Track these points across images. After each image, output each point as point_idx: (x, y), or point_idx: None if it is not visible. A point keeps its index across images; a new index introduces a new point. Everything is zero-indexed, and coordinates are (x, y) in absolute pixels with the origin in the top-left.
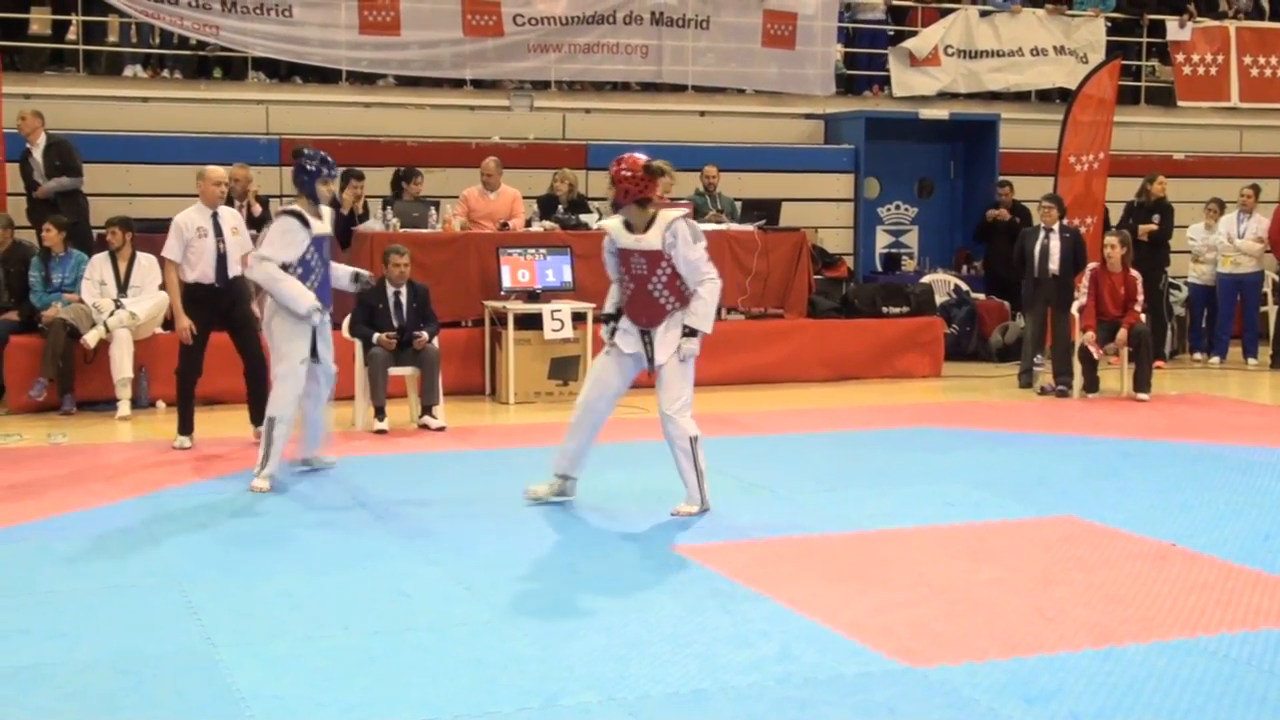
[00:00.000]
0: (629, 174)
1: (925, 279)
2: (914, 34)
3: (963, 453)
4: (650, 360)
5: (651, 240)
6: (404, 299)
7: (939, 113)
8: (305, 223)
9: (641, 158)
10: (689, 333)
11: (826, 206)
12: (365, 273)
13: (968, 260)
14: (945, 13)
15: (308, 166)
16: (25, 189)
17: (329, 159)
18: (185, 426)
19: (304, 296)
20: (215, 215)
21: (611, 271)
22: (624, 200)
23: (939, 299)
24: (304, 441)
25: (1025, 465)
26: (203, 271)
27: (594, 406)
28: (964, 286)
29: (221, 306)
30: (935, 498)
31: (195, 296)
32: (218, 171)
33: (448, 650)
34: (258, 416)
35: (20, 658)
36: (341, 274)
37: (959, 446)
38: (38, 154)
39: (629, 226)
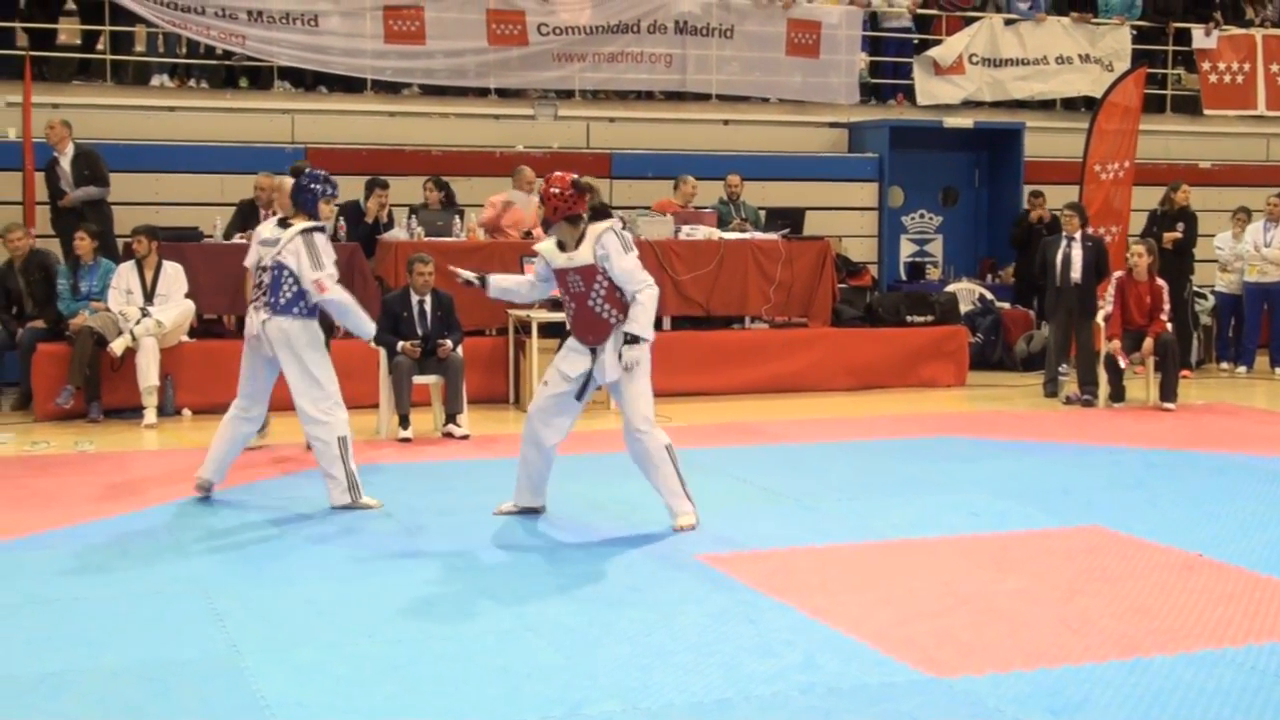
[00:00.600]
0: (557, 191)
1: (950, 288)
2: (938, 42)
3: (988, 462)
4: (599, 378)
5: (583, 256)
6: (428, 308)
7: (963, 121)
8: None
9: (571, 175)
10: (630, 340)
11: (850, 215)
12: None
13: (993, 269)
14: (970, 21)
15: (312, 186)
16: (50, 197)
17: (330, 178)
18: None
19: (369, 320)
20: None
21: (540, 292)
22: (554, 218)
23: (963, 308)
24: (216, 464)
25: (1050, 475)
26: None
27: (542, 439)
28: (989, 295)
29: None
30: (960, 507)
31: None
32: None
33: (471, 658)
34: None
35: (46, 664)
36: None
37: (984, 456)
38: (65, 163)
39: (561, 246)
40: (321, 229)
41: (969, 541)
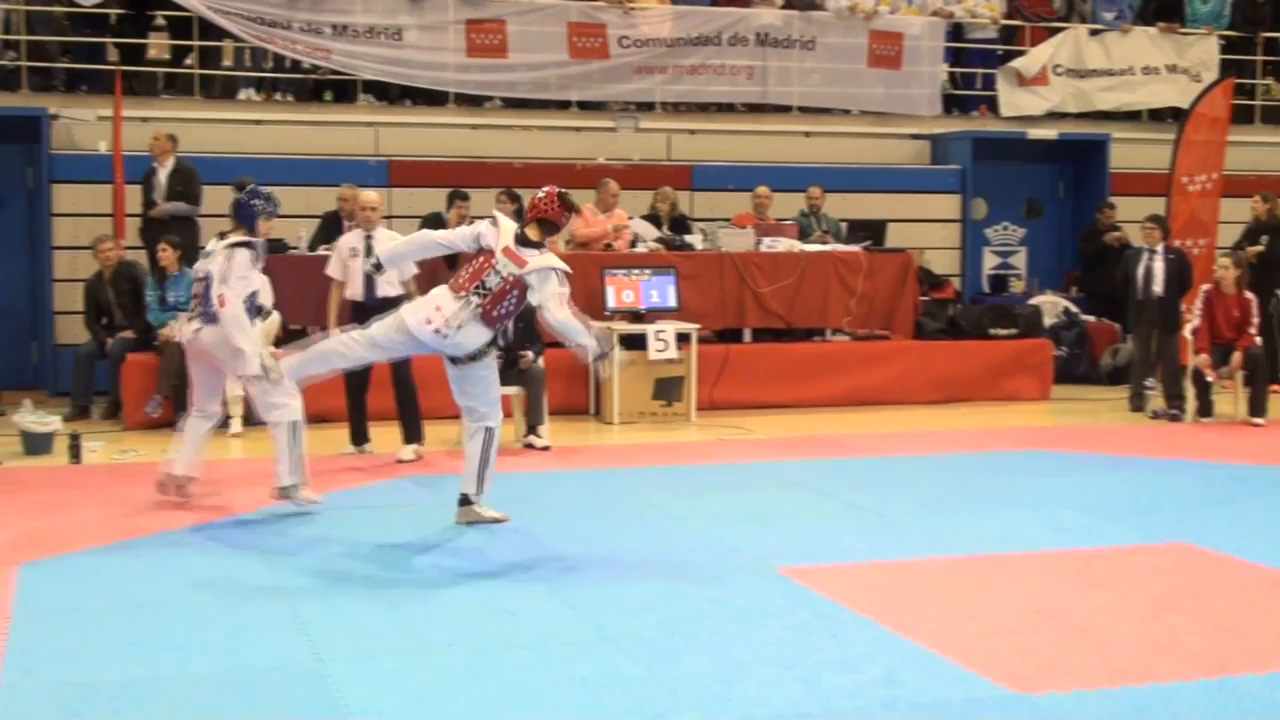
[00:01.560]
0: (543, 196)
1: (1033, 300)
2: (1022, 53)
3: (1072, 477)
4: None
5: (526, 269)
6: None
7: (1048, 133)
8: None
9: (560, 190)
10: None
11: (933, 227)
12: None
13: (1077, 282)
14: (1054, 31)
15: (253, 203)
16: (143, 207)
17: (272, 197)
18: (356, 437)
19: (253, 347)
20: (369, 237)
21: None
22: (529, 215)
23: (1047, 321)
24: (185, 461)
25: (1137, 490)
26: (354, 290)
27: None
28: (1073, 308)
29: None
30: (1044, 522)
31: (352, 314)
32: (368, 195)
33: (552, 669)
34: (409, 434)
35: (133, 670)
36: None
37: (1068, 470)
38: (162, 175)
39: (521, 241)
40: (251, 245)
41: (1053, 557)
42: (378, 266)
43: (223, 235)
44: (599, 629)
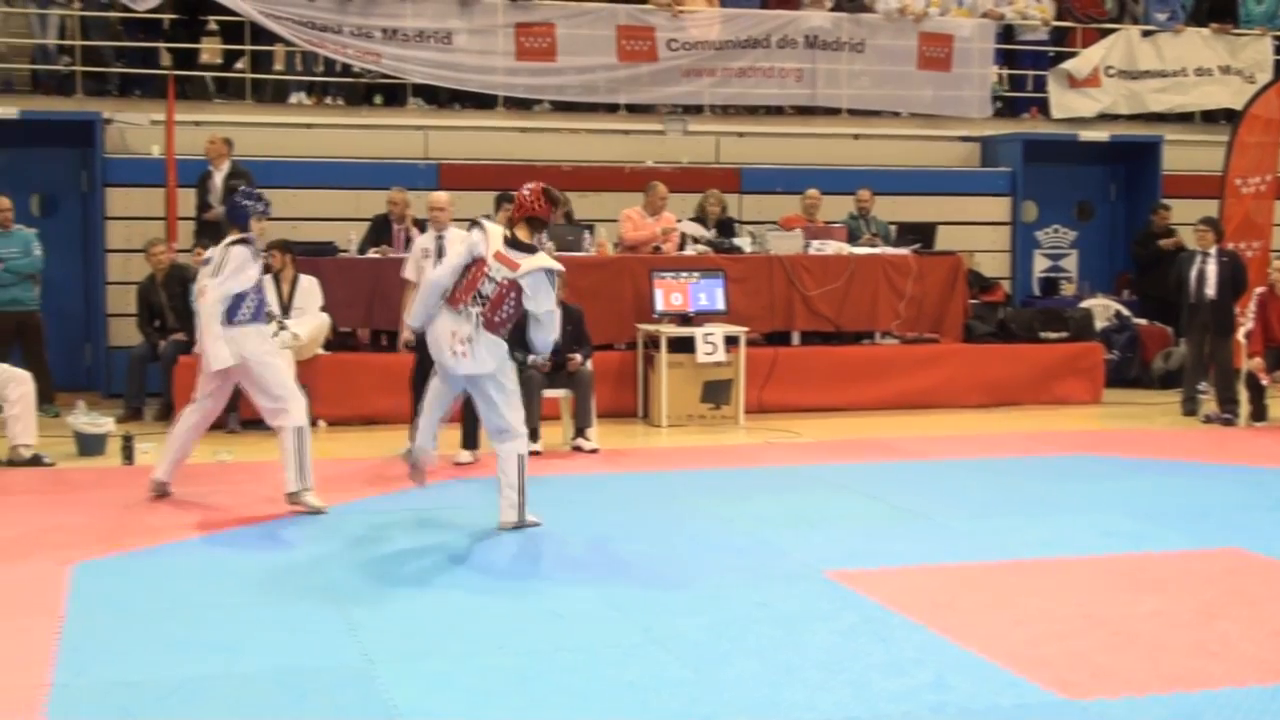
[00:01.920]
0: (528, 193)
1: (1085, 303)
2: (1074, 54)
3: (1123, 481)
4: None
5: (521, 271)
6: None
7: (1099, 134)
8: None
9: (544, 185)
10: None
11: (983, 230)
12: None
13: (1129, 285)
14: (1106, 33)
15: (245, 203)
16: (197, 210)
17: (265, 198)
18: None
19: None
20: (440, 238)
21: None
22: (517, 215)
23: (1099, 324)
24: (171, 465)
25: (1188, 495)
26: None
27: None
28: (1125, 311)
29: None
30: (1094, 527)
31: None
32: (438, 196)
33: (599, 672)
34: (469, 439)
35: (184, 669)
36: None
37: (1119, 475)
38: (218, 178)
39: (512, 243)
40: (247, 241)
41: (1103, 562)
42: (410, 347)
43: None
44: (647, 631)
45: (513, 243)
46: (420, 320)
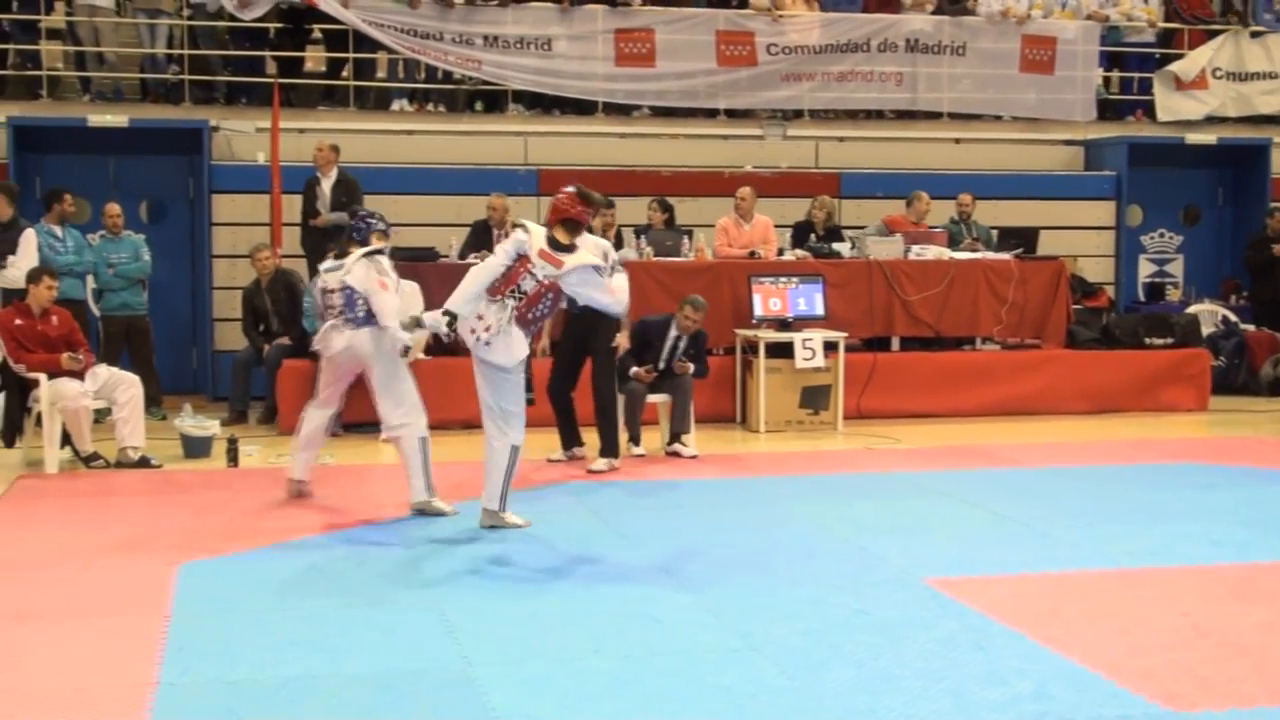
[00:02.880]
0: (564, 197)
1: (1191, 309)
2: (1180, 56)
3: (1230, 490)
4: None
5: (564, 268)
6: (681, 345)
7: (1206, 137)
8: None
9: (576, 187)
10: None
11: (1086, 234)
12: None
13: (1236, 290)
14: (1214, 34)
15: (368, 220)
16: (303, 216)
17: (383, 216)
18: (567, 442)
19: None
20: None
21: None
22: (553, 218)
23: (1205, 330)
24: (304, 463)
25: None
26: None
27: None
28: (1232, 317)
29: (576, 334)
30: (1200, 536)
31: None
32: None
33: (696, 677)
34: (606, 447)
35: (289, 669)
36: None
37: (1226, 483)
38: (326, 185)
39: (554, 244)
40: (380, 251)
41: (1210, 572)
42: (418, 323)
43: (337, 255)
44: (745, 637)
45: (554, 244)
46: (460, 307)
